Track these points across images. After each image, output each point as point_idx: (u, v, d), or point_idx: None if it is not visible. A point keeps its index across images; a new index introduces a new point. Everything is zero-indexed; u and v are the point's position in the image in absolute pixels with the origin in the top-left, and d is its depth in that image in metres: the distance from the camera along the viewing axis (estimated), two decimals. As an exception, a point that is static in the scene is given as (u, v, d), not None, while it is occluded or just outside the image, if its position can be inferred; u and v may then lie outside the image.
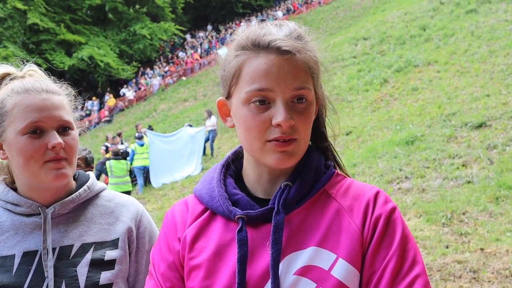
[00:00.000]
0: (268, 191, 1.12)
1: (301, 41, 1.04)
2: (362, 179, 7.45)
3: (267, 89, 1.01)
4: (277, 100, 1.01)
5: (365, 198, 1.07)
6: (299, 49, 1.02)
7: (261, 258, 1.03)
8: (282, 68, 1.01)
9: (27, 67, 1.40)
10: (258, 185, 1.13)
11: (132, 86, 32.71)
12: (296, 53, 1.01)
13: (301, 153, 1.06)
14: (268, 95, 1.01)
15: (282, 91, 1.00)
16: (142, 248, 1.41)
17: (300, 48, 1.02)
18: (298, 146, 1.04)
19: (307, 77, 1.03)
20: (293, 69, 1.01)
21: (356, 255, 1.01)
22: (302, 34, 1.06)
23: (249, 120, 1.03)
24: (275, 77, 1.00)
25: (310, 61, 1.04)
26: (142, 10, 35.75)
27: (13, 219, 1.32)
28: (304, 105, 1.03)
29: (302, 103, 1.02)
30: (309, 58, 1.04)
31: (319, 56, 1.08)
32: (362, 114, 12.05)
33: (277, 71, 1.00)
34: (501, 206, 5.61)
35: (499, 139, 7.65)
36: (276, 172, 1.10)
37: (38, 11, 31.20)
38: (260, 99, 1.02)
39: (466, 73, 11.68)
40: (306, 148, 1.08)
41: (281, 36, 1.03)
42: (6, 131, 1.28)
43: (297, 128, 1.02)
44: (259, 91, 1.01)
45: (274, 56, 1.01)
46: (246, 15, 42.67)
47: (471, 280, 4.16)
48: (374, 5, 29.20)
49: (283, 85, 1.00)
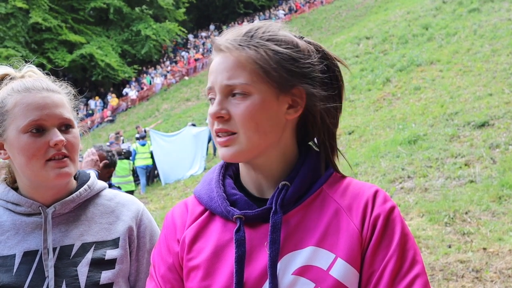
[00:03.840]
0: (258, 189, 1.12)
1: (242, 39, 1.07)
2: (365, 179, 7.44)
3: (211, 87, 1.08)
4: (216, 95, 1.07)
5: (364, 197, 1.06)
6: (235, 47, 1.05)
7: (259, 258, 1.03)
8: (218, 65, 1.07)
9: (26, 68, 1.40)
10: (249, 183, 1.13)
11: (135, 85, 32.74)
12: (229, 51, 1.05)
13: (246, 148, 1.05)
14: (212, 91, 1.08)
15: (218, 85, 1.06)
16: (143, 247, 1.41)
17: (233, 47, 1.05)
18: (237, 140, 1.05)
19: (243, 72, 1.03)
20: (227, 65, 1.05)
21: (355, 255, 1.01)
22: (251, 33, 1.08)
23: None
24: (214, 73, 1.07)
25: (248, 59, 1.04)
26: (148, 11, 35.77)
27: (13, 219, 1.32)
28: (239, 98, 1.04)
29: (238, 97, 1.04)
30: (245, 55, 1.04)
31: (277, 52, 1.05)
32: (365, 113, 12.03)
33: (215, 68, 1.07)
34: (504, 206, 5.60)
35: (502, 138, 7.62)
36: (255, 170, 1.11)
37: (41, 9, 31.27)
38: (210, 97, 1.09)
39: (469, 72, 11.64)
40: (259, 143, 1.06)
41: (225, 37, 1.09)
42: (7, 130, 1.28)
43: (233, 121, 1.04)
44: (209, 89, 1.10)
45: (215, 55, 1.09)
46: (249, 15, 42.67)
47: (473, 280, 4.15)
48: (376, 4, 29.15)
49: (219, 79, 1.06)
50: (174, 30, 36.52)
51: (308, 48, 1.11)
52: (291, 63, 1.06)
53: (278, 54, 1.05)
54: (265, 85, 1.04)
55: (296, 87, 1.07)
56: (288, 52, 1.06)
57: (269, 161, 1.10)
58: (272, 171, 1.10)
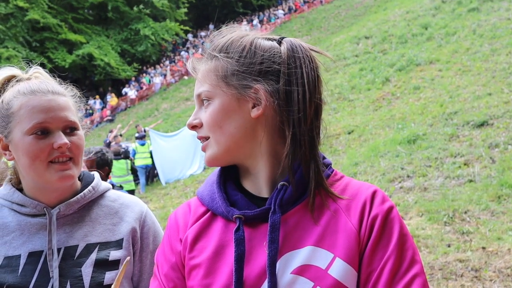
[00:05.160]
0: (256, 188, 1.14)
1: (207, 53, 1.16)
2: (364, 178, 7.46)
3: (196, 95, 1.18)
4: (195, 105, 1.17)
5: (362, 197, 1.08)
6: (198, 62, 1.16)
7: (258, 257, 1.05)
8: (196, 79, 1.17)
9: (33, 69, 1.42)
10: (248, 183, 1.16)
11: (134, 85, 32.70)
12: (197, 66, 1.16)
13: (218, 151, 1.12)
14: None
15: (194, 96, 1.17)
16: (146, 248, 1.42)
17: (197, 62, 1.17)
18: (210, 144, 1.13)
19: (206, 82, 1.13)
20: (198, 77, 1.15)
21: (353, 255, 1.02)
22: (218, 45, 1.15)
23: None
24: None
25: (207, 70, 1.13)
26: (145, 11, 35.72)
27: (18, 220, 1.34)
28: (206, 106, 1.13)
29: (205, 104, 1.13)
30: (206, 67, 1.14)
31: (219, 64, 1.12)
32: (364, 113, 12.04)
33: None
34: (503, 205, 5.62)
35: (501, 138, 7.64)
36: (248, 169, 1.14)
37: (41, 8, 31.23)
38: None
39: (468, 72, 11.65)
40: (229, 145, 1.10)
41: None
42: (13, 132, 1.30)
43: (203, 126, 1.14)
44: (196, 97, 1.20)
45: None
46: (248, 15, 42.64)
47: (472, 279, 4.17)
48: (376, 4, 29.11)
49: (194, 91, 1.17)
50: (174, 29, 36.47)
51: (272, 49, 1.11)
52: (242, 67, 1.09)
53: (229, 61, 1.11)
54: (222, 90, 1.10)
55: (253, 87, 1.08)
56: (236, 57, 1.10)
57: (258, 162, 1.12)
58: (267, 173, 1.12)
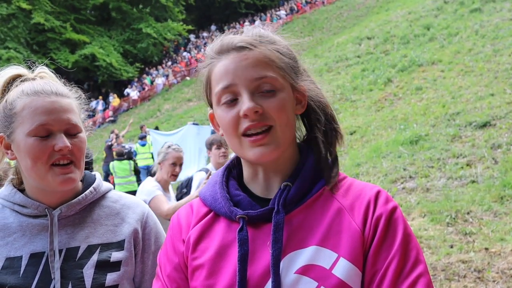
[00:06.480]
0: (266, 190, 1.13)
1: (260, 38, 1.09)
2: (366, 179, 7.45)
3: (230, 85, 1.06)
4: (242, 93, 1.05)
5: (366, 197, 1.08)
6: (255, 44, 1.07)
7: (262, 257, 1.05)
8: (240, 63, 1.06)
9: (38, 69, 1.41)
10: (255, 184, 1.15)
11: (136, 86, 32.75)
12: (252, 48, 1.06)
13: (282, 141, 1.07)
14: (233, 90, 1.06)
15: (243, 83, 1.05)
16: (148, 249, 1.42)
17: (257, 43, 1.07)
18: (274, 133, 1.06)
19: (268, 67, 1.06)
20: (251, 61, 1.05)
21: (357, 255, 1.02)
22: (263, 34, 1.11)
23: (224, 120, 1.08)
24: (234, 71, 1.06)
25: (271, 55, 1.07)
26: (146, 10, 35.80)
27: (20, 221, 1.33)
28: (269, 94, 1.06)
29: (269, 92, 1.05)
30: (269, 52, 1.07)
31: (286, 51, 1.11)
32: (366, 113, 12.03)
33: (235, 66, 1.06)
34: (506, 206, 5.60)
35: (503, 139, 7.62)
36: (269, 169, 1.12)
37: (43, 9, 31.30)
38: (229, 97, 1.06)
39: (471, 73, 11.63)
40: (290, 136, 1.10)
41: (238, 38, 1.09)
42: (15, 132, 1.29)
43: (268, 114, 1.05)
44: (224, 89, 1.06)
45: (232, 55, 1.07)
46: (250, 15, 42.67)
47: (475, 280, 4.15)
48: (378, 5, 29.12)
49: (243, 77, 1.05)
50: (177, 29, 36.51)
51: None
52: (294, 62, 1.12)
53: (286, 55, 1.10)
54: (285, 81, 1.09)
55: (300, 84, 1.12)
56: (290, 53, 1.12)
57: (284, 159, 1.12)
58: (283, 171, 1.13)
